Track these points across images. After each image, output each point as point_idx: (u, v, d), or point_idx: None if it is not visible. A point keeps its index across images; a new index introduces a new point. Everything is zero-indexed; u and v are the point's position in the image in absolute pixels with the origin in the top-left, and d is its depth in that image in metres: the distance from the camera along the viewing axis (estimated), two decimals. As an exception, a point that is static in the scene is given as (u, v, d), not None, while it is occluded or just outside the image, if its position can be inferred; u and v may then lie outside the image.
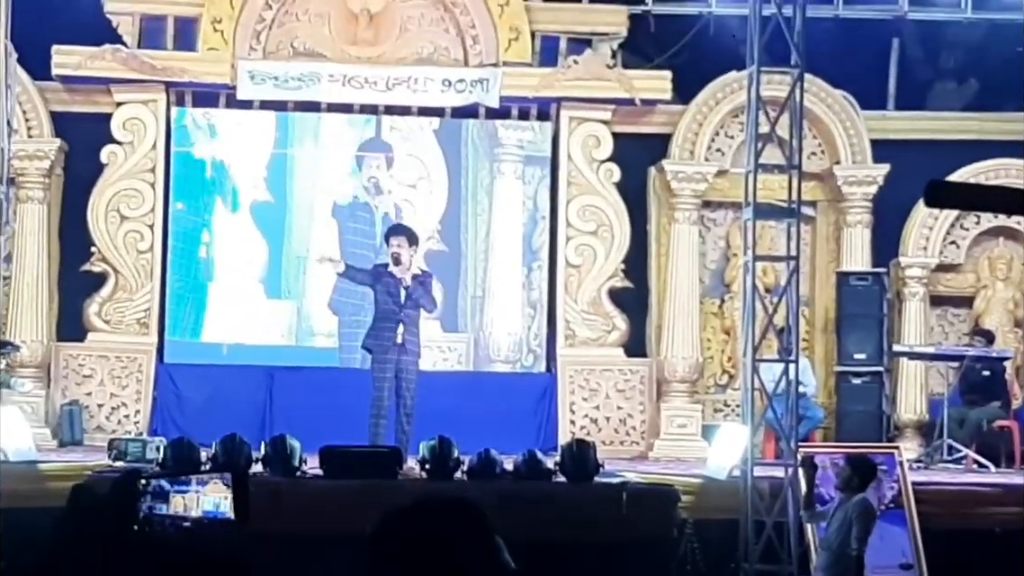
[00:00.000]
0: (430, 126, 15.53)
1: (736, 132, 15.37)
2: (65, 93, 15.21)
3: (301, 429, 12.43)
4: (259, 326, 15.30)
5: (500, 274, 15.52)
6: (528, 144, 15.60)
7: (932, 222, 15.52)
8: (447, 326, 15.44)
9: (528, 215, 15.59)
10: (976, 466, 13.83)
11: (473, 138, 15.61)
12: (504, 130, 15.56)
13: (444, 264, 15.36)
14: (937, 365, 15.37)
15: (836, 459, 11.58)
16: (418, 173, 15.54)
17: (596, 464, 11.82)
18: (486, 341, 15.49)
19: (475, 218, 15.61)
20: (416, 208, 15.45)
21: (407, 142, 15.54)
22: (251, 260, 15.33)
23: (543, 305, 15.54)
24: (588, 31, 15.58)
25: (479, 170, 15.62)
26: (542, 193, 15.59)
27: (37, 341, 14.82)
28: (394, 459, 11.74)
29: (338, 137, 15.52)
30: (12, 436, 12.13)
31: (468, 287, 15.53)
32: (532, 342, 15.54)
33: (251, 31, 15.32)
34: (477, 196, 15.63)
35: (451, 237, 15.50)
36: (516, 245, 15.55)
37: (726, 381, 15.75)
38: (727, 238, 15.80)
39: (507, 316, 15.52)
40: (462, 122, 15.53)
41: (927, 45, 16.28)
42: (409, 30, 15.60)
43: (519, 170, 15.60)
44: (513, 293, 15.54)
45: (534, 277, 15.57)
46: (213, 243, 15.33)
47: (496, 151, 15.60)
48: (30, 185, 14.93)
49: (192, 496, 5.76)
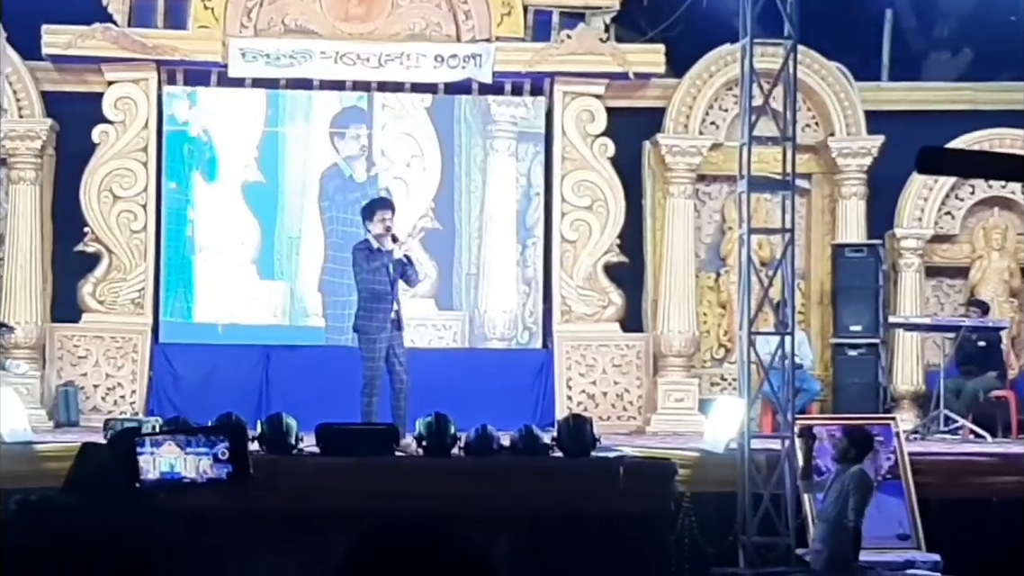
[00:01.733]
0: (422, 103, 15.45)
1: (730, 105, 15.34)
2: (56, 72, 15.15)
3: (297, 407, 12.42)
4: (252, 306, 15.25)
5: (494, 251, 15.47)
6: (521, 120, 15.53)
7: (927, 193, 15.50)
8: (441, 304, 15.41)
9: (522, 192, 15.54)
10: (973, 436, 13.84)
11: (466, 115, 15.54)
12: (497, 106, 15.51)
13: (438, 242, 15.33)
14: (933, 336, 15.34)
15: (833, 431, 11.58)
16: (411, 151, 15.47)
17: (593, 439, 11.82)
18: (481, 319, 15.45)
19: (469, 195, 15.54)
20: (409, 186, 15.39)
21: (399, 120, 15.47)
22: (243, 240, 15.28)
23: (538, 282, 15.51)
24: (581, 5, 15.52)
25: (472, 147, 15.55)
26: (536, 170, 15.53)
27: (31, 323, 14.79)
28: (391, 436, 11.74)
29: (330, 115, 15.45)
30: (8, 417, 12.12)
31: (462, 265, 15.47)
32: (527, 319, 15.50)
33: (242, 8, 15.26)
34: (471, 173, 15.57)
35: (445, 215, 15.44)
36: (510, 222, 15.49)
37: (723, 355, 15.74)
38: (722, 212, 15.78)
39: (502, 293, 15.47)
40: (454, 99, 15.47)
41: (921, 15, 16.24)
42: (401, 6, 15.55)
43: (512, 147, 15.53)
44: (508, 270, 15.49)
45: (528, 254, 15.52)
46: (202, 222, 15.24)
47: (489, 128, 15.54)
48: (22, 166, 14.89)
49: (192, 459, 5.75)
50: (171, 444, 5.70)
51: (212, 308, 15.20)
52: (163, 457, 5.69)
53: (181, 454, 5.69)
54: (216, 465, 5.69)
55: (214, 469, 5.69)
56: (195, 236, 15.22)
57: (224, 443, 5.68)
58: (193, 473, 5.69)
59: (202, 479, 5.69)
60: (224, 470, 5.68)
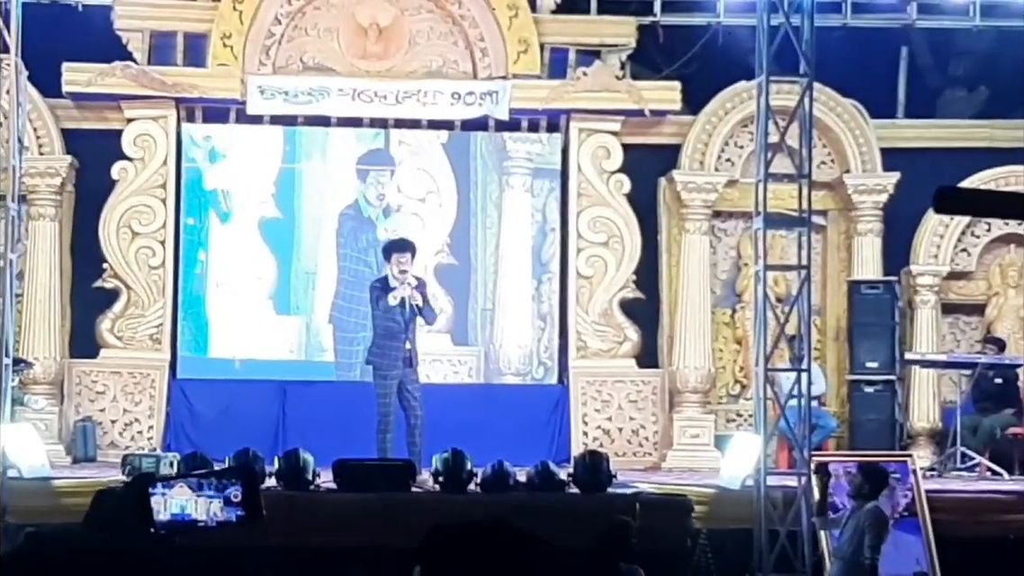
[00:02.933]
0: (438, 139, 15.51)
1: (746, 142, 15.38)
2: (76, 110, 15.26)
3: (314, 442, 12.49)
4: (268, 341, 15.29)
5: (510, 287, 15.49)
6: (537, 156, 15.58)
7: (943, 230, 15.52)
8: (457, 339, 15.43)
9: (537, 227, 15.57)
10: (989, 474, 13.81)
11: (482, 151, 15.61)
12: (512, 143, 15.56)
13: (454, 277, 15.38)
14: (949, 373, 15.35)
15: (849, 467, 11.57)
16: (427, 187, 15.52)
17: (609, 475, 11.84)
18: (496, 354, 15.47)
19: (484, 231, 15.59)
20: (425, 222, 15.44)
21: (416, 156, 15.52)
22: (260, 276, 15.33)
23: (554, 317, 15.53)
24: (597, 43, 15.60)
25: (488, 183, 15.61)
26: (551, 205, 15.56)
27: (50, 358, 14.85)
28: (407, 472, 11.77)
29: (346, 151, 15.53)
30: (26, 453, 12.16)
31: (478, 300, 15.50)
32: (543, 354, 15.50)
33: (261, 46, 15.35)
34: (486, 209, 15.62)
35: (460, 250, 15.48)
36: (525, 258, 15.52)
37: (738, 391, 15.75)
38: (738, 248, 15.80)
39: (517, 329, 15.49)
40: (470, 135, 15.53)
41: (936, 53, 16.29)
42: (418, 43, 15.63)
43: (528, 183, 15.59)
44: (523, 306, 15.51)
45: (544, 289, 15.54)
46: (217, 258, 15.30)
47: (505, 164, 15.60)
48: (42, 202, 14.98)
49: (204, 501, 5.76)
50: (183, 486, 5.71)
51: (228, 343, 15.24)
52: (175, 499, 5.70)
53: (193, 496, 5.70)
54: (227, 508, 5.70)
55: (225, 512, 5.69)
56: (209, 272, 15.28)
57: (236, 486, 5.69)
58: (204, 516, 5.69)
59: (212, 522, 5.70)
60: (235, 513, 5.69)
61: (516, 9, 15.37)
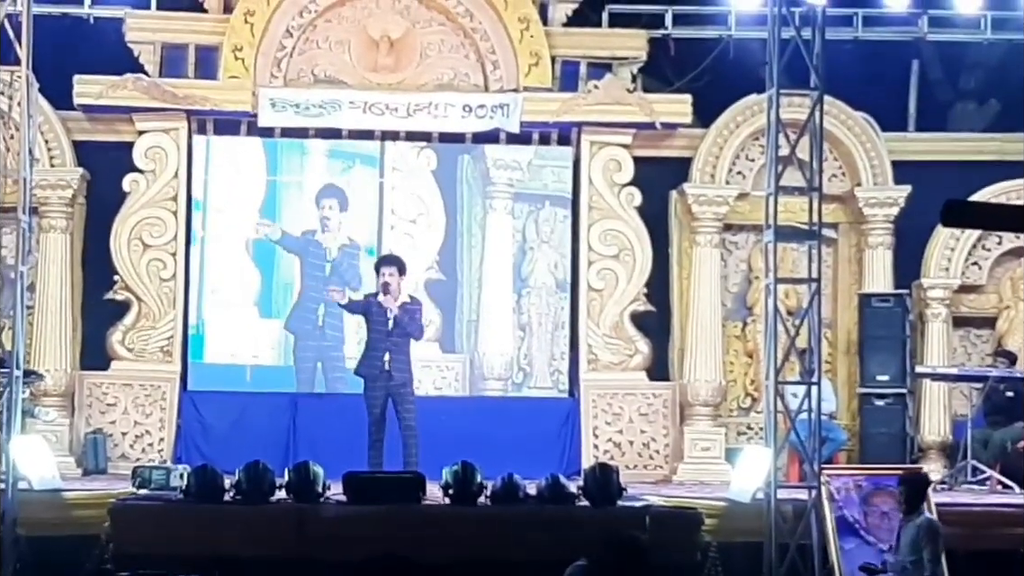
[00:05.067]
0: (428, 166, 15.73)
1: (756, 155, 15.39)
2: (87, 122, 15.29)
3: (324, 455, 12.52)
4: (263, 350, 15.47)
5: (492, 299, 15.80)
6: (517, 182, 15.82)
7: (954, 243, 15.50)
8: (445, 347, 15.72)
9: (517, 246, 15.83)
10: (1000, 487, 13.78)
11: (467, 177, 15.85)
12: (495, 170, 15.74)
13: (442, 291, 15.69)
14: (960, 386, 15.33)
15: (859, 481, 11.56)
16: (418, 209, 15.80)
17: (619, 488, 11.83)
18: (480, 361, 15.72)
19: (470, 250, 15.87)
20: (416, 241, 15.71)
21: (408, 181, 15.74)
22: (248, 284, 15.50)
23: (531, 329, 15.70)
24: (608, 56, 15.62)
25: (473, 206, 15.88)
26: (530, 227, 15.81)
27: (61, 370, 14.87)
28: (417, 485, 11.77)
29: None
30: (36, 465, 12.17)
31: (463, 312, 15.79)
32: (522, 361, 15.72)
33: (272, 59, 15.39)
34: (471, 229, 15.87)
35: (448, 267, 15.80)
36: (507, 273, 15.79)
37: (749, 404, 15.74)
38: (749, 261, 15.81)
39: (499, 338, 15.76)
40: (458, 159, 15.70)
41: (947, 66, 16.30)
42: (429, 56, 15.66)
43: (509, 206, 15.84)
44: (504, 317, 15.76)
45: (523, 302, 15.76)
46: (221, 271, 15.43)
47: (488, 188, 15.84)
48: (53, 214, 15.01)
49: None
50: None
51: (231, 352, 15.38)
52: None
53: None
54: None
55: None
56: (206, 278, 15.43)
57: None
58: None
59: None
60: None
61: (528, 22, 15.40)
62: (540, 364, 15.73)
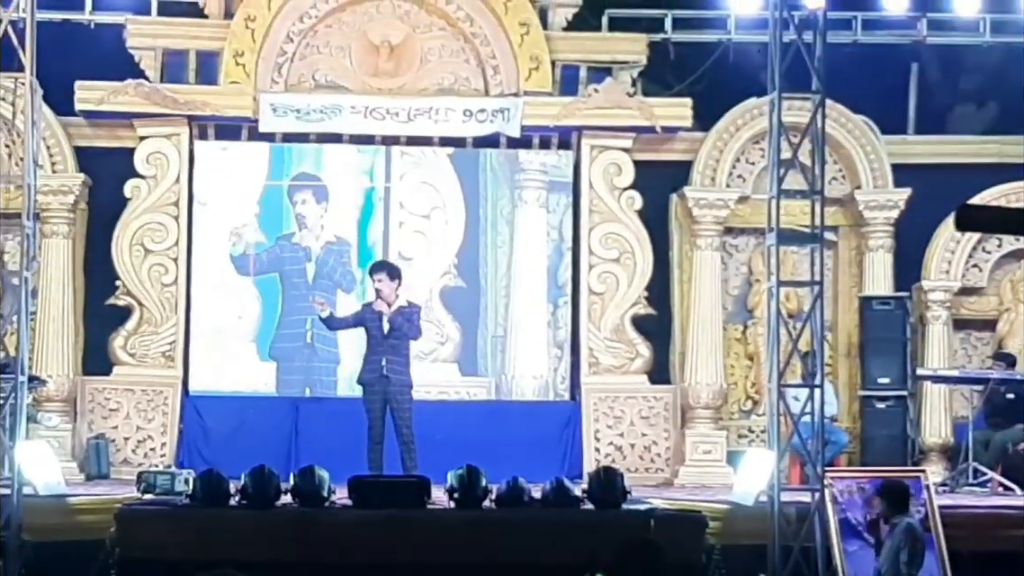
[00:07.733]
0: (444, 151, 15.39)
1: (757, 158, 15.42)
2: (88, 128, 15.30)
3: (327, 459, 12.49)
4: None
5: (523, 311, 15.23)
6: (552, 169, 15.43)
7: (954, 246, 15.53)
8: (465, 369, 15.20)
9: (553, 246, 15.42)
10: (1002, 489, 13.80)
11: (492, 164, 15.46)
12: (526, 154, 15.43)
13: (462, 301, 15.22)
14: (961, 388, 15.36)
15: (862, 484, 11.59)
16: (432, 202, 15.38)
17: (624, 491, 11.86)
18: (508, 385, 15.26)
19: (495, 250, 15.40)
20: (430, 240, 15.31)
21: (419, 168, 15.37)
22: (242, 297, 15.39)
23: (566, 335, 15.49)
24: (608, 59, 15.64)
25: (499, 198, 15.49)
26: (567, 222, 15.46)
27: (63, 375, 14.88)
28: (423, 489, 11.79)
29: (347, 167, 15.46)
30: (40, 470, 12.18)
31: (488, 326, 15.24)
32: (559, 385, 15.31)
33: (273, 64, 15.41)
34: (497, 226, 15.50)
35: (469, 271, 15.26)
36: (540, 279, 15.29)
37: (750, 407, 15.76)
38: (749, 264, 15.83)
39: (531, 357, 15.26)
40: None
41: (946, 69, 16.33)
42: (430, 61, 15.67)
43: (542, 197, 15.45)
44: (538, 332, 15.28)
45: (560, 314, 15.38)
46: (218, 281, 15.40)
47: (517, 177, 15.51)
48: (55, 220, 15.02)
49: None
50: None
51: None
52: None
53: None
54: None
55: None
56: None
57: None
58: None
59: None
60: None
61: (528, 26, 15.42)
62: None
